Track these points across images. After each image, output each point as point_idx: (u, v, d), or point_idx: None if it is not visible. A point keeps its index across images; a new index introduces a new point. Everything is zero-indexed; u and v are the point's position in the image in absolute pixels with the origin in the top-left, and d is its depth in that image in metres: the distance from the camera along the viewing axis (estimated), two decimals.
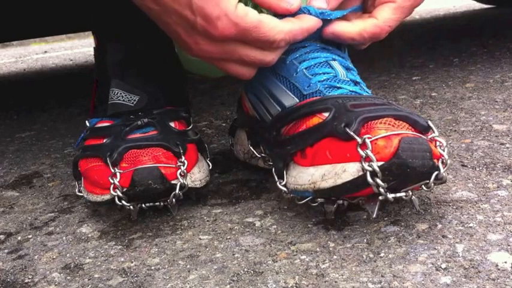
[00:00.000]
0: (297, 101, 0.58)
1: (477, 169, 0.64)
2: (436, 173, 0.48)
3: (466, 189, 0.59)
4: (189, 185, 0.61)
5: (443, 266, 0.45)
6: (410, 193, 0.50)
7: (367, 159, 0.47)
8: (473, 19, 2.13)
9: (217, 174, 0.74)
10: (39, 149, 0.99)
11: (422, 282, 0.43)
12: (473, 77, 1.10)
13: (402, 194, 0.49)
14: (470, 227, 0.51)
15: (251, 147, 0.68)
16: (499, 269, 0.44)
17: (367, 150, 0.47)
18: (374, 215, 0.51)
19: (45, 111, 1.36)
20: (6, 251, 0.60)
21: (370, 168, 0.47)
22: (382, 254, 0.48)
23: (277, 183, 0.57)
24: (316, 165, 0.52)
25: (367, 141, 0.48)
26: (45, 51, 3.31)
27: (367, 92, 0.59)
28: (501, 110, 0.85)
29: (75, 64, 2.37)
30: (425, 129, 0.52)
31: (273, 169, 0.59)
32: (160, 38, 0.74)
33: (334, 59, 0.60)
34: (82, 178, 0.65)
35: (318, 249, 0.51)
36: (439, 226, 0.52)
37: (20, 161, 0.93)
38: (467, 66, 1.20)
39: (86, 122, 0.72)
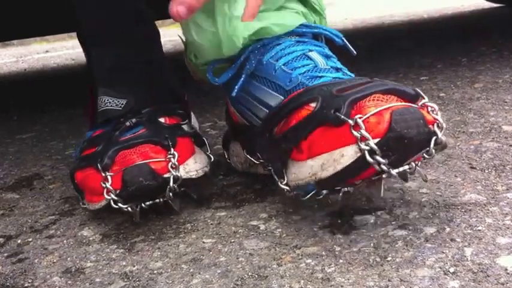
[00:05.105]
0: (282, 98, 0.58)
1: (486, 171, 0.63)
2: (434, 138, 0.48)
3: (475, 192, 0.58)
4: (184, 176, 0.60)
5: (452, 270, 0.45)
6: (414, 165, 0.49)
7: (363, 139, 0.47)
8: (482, 18, 2.11)
9: (222, 176, 0.73)
10: (40, 151, 0.99)
11: (430, 286, 0.43)
12: (482, 77, 1.08)
13: (406, 168, 0.49)
14: (479, 230, 0.50)
15: (248, 156, 0.66)
16: (508, 273, 0.43)
17: (361, 130, 0.47)
18: (382, 195, 0.50)
19: (46, 112, 1.35)
20: (5, 254, 0.59)
21: (367, 147, 0.47)
22: (389, 258, 0.48)
23: (278, 183, 0.56)
24: (313, 156, 0.51)
25: (359, 121, 0.47)
26: (47, 51, 3.31)
27: (350, 75, 0.58)
28: (510, 111, 0.84)
29: (77, 64, 2.36)
30: (414, 97, 0.51)
31: (272, 170, 0.58)
32: (144, 43, 0.74)
33: (311, 50, 0.60)
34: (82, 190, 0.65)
35: (323, 253, 0.50)
36: (447, 229, 0.51)
37: (20, 162, 0.93)
38: (475, 66, 1.19)
39: (87, 133, 0.72)
